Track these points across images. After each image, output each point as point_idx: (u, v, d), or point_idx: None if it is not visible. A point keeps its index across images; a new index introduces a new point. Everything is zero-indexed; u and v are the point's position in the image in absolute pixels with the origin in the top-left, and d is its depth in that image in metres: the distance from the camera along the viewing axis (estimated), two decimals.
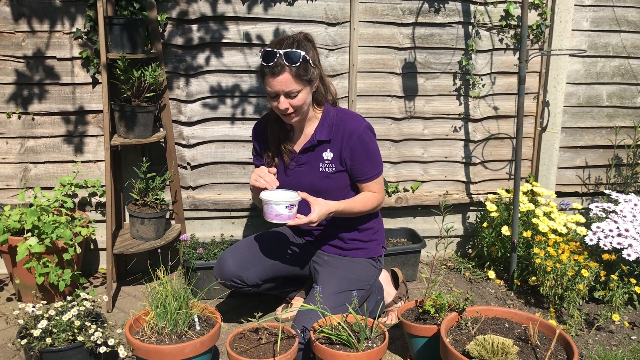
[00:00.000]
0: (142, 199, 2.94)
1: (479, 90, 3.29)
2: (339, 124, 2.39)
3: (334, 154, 2.41)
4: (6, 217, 2.83)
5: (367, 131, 2.40)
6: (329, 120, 2.40)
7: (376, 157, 2.45)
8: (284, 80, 2.21)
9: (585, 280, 2.67)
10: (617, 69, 3.43)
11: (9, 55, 2.94)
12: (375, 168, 2.44)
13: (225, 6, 3.00)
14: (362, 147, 2.38)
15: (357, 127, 2.37)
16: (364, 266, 2.54)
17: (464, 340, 2.12)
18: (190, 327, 2.22)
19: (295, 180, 2.45)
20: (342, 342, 2.11)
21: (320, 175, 2.43)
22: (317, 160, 2.43)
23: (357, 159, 2.39)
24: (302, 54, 2.20)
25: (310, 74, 2.26)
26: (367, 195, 2.45)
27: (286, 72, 2.20)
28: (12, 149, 3.06)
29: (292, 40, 2.26)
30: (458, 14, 3.19)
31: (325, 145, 2.41)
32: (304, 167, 2.45)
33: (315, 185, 2.42)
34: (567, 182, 3.56)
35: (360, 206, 2.42)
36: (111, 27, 2.72)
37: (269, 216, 2.22)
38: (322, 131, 2.40)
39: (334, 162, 2.41)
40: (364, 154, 2.39)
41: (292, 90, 2.23)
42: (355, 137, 2.36)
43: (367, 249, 2.57)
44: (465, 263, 3.39)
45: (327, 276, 2.46)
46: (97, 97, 3.04)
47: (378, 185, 2.47)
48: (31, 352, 2.06)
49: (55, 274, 2.70)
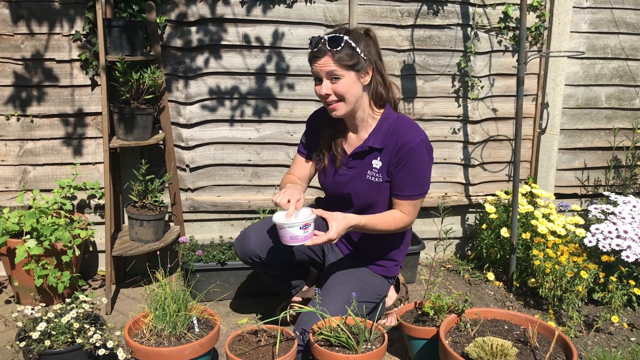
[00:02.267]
0: (141, 201, 2.94)
1: (478, 92, 3.30)
2: (394, 133, 2.28)
3: (383, 163, 2.30)
4: (5, 219, 2.82)
5: (423, 146, 2.26)
6: (385, 127, 2.30)
7: (422, 177, 2.29)
8: (324, 62, 2.18)
9: (584, 282, 2.67)
10: (616, 70, 3.43)
11: (8, 57, 2.94)
12: (416, 188, 2.30)
13: (224, 8, 3.01)
14: (410, 161, 2.25)
15: (413, 139, 2.24)
16: (380, 281, 2.51)
17: (463, 342, 2.12)
18: (190, 329, 2.21)
19: (340, 183, 2.40)
20: (341, 344, 2.11)
21: (366, 184, 2.34)
22: (366, 167, 2.34)
23: (400, 171, 2.27)
24: (345, 39, 2.16)
25: (357, 61, 2.19)
26: (394, 215, 2.33)
27: (327, 55, 2.18)
28: (11, 151, 3.05)
29: (346, 29, 2.25)
30: (457, 16, 3.20)
31: (376, 153, 2.31)
32: (352, 172, 2.37)
33: (358, 193, 2.36)
34: (566, 184, 3.56)
35: (384, 225, 2.30)
36: (110, 29, 2.72)
37: (285, 239, 2.14)
38: (376, 138, 2.30)
39: (381, 172, 2.31)
40: (409, 168, 2.26)
41: (333, 71, 2.18)
42: (407, 148, 2.24)
43: (387, 268, 2.52)
44: (464, 265, 3.39)
45: (342, 280, 2.40)
46: (96, 99, 3.04)
47: (411, 207, 2.33)
48: (30, 354, 2.06)
49: (54, 276, 2.70)
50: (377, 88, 2.30)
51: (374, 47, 2.27)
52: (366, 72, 2.25)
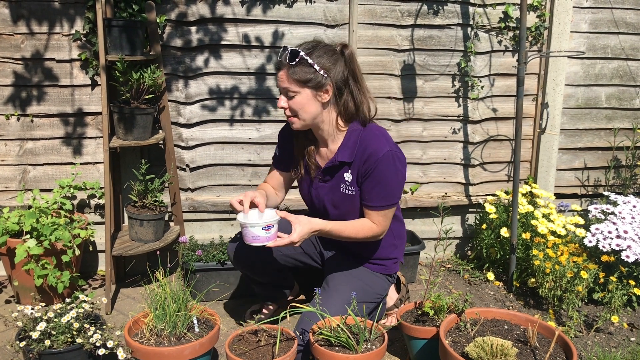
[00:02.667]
0: (141, 200, 2.94)
1: (478, 92, 3.30)
2: (362, 145, 2.24)
3: (353, 176, 2.29)
4: (5, 219, 2.82)
5: (389, 157, 2.21)
6: (353, 140, 2.26)
7: (389, 187, 2.25)
8: (281, 77, 2.19)
9: (584, 282, 2.67)
10: (616, 70, 3.43)
11: (8, 57, 2.94)
12: (384, 199, 2.26)
13: (224, 8, 3.01)
14: (377, 172, 2.22)
15: (379, 150, 2.20)
16: (380, 280, 2.51)
17: (463, 342, 2.12)
18: (189, 329, 2.21)
19: (319, 195, 2.40)
20: (341, 344, 2.11)
21: (341, 196, 2.34)
22: (339, 180, 2.33)
23: (367, 182, 2.25)
24: (300, 54, 2.13)
25: (311, 78, 2.14)
26: (363, 224, 2.30)
27: (284, 69, 2.17)
28: (10, 150, 3.05)
29: (315, 44, 2.21)
30: (457, 15, 3.20)
31: (347, 166, 2.29)
32: (327, 185, 2.37)
33: (335, 204, 2.36)
34: (566, 184, 3.56)
35: (351, 232, 2.28)
36: (110, 29, 2.72)
37: (247, 239, 2.13)
38: (345, 152, 2.27)
39: (352, 185, 2.30)
40: (376, 179, 2.23)
41: (287, 88, 2.18)
42: (374, 160, 2.21)
43: (386, 266, 2.52)
44: (464, 265, 3.39)
45: (343, 281, 2.39)
46: (96, 99, 3.04)
47: (381, 217, 2.29)
48: (30, 354, 2.06)
49: (53, 276, 2.70)
50: (348, 105, 2.25)
51: (344, 66, 2.21)
52: (325, 91, 2.19)
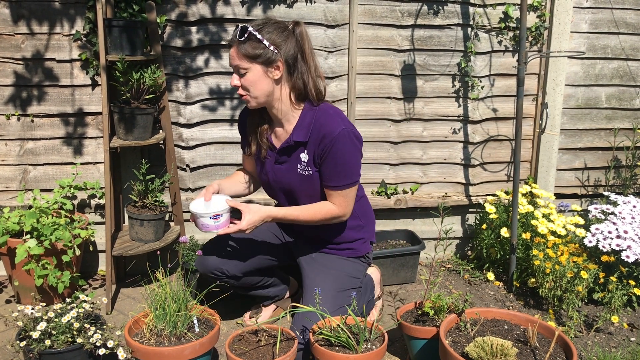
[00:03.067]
0: (141, 200, 2.94)
1: (478, 92, 3.30)
2: (316, 125, 2.25)
3: (309, 157, 2.29)
4: (5, 219, 2.83)
5: (345, 135, 2.21)
6: (308, 120, 2.27)
7: (348, 166, 2.26)
8: (232, 53, 2.20)
9: (584, 282, 2.67)
10: (616, 70, 3.43)
11: (8, 57, 2.94)
12: (343, 178, 2.27)
13: (224, 8, 3.01)
14: (334, 151, 2.21)
15: (334, 129, 2.20)
16: (354, 263, 2.52)
17: (463, 342, 2.12)
18: (190, 329, 2.22)
19: (277, 178, 2.40)
20: (341, 344, 2.11)
21: (298, 177, 2.34)
22: (296, 161, 2.33)
23: (325, 162, 2.25)
24: (249, 30, 2.13)
25: (261, 53, 2.14)
26: (322, 207, 2.32)
27: (234, 46, 2.19)
28: (11, 150, 3.06)
29: (266, 21, 2.22)
30: (457, 16, 3.20)
31: (302, 147, 2.30)
32: (284, 166, 2.37)
33: (292, 186, 2.36)
34: (566, 184, 3.56)
35: (307, 216, 2.32)
36: (110, 29, 2.73)
37: (198, 226, 2.23)
38: (300, 131, 2.27)
39: (309, 165, 2.30)
40: (333, 158, 2.23)
41: (237, 65, 2.19)
42: (329, 139, 2.20)
43: (356, 249, 2.53)
44: (464, 265, 3.39)
45: (319, 277, 2.41)
46: (96, 99, 3.04)
47: (342, 198, 2.30)
48: (30, 354, 2.06)
49: (54, 276, 2.70)
50: (296, 83, 2.25)
51: (295, 44, 2.21)
52: (276, 67, 2.19)
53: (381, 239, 3.28)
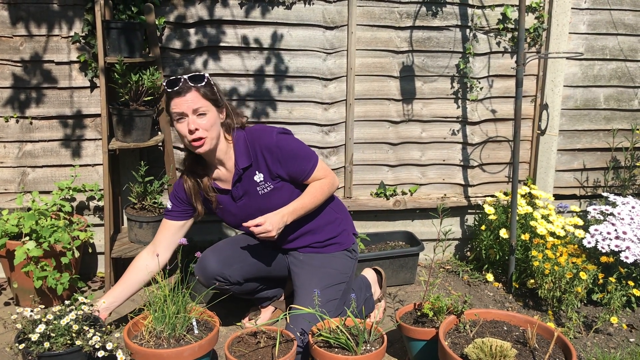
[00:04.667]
0: (140, 202, 2.94)
1: (477, 93, 3.30)
2: (253, 145, 2.39)
3: (264, 174, 2.40)
4: (4, 221, 2.82)
5: (281, 137, 2.39)
6: (242, 146, 2.40)
7: (302, 152, 2.42)
8: (191, 98, 2.25)
9: (583, 283, 2.67)
10: (614, 71, 3.44)
11: (7, 59, 2.94)
12: (309, 160, 2.43)
13: (223, 10, 3.01)
14: (286, 153, 2.37)
15: (271, 139, 2.37)
16: (341, 259, 2.55)
17: (463, 343, 2.12)
18: (189, 330, 2.21)
19: (247, 212, 2.44)
20: (340, 346, 2.11)
21: (263, 198, 2.42)
22: (252, 186, 2.42)
23: (289, 165, 2.39)
24: (206, 75, 2.29)
25: (217, 96, 2.31)
26: (314, 186, 2.44)
27: (193, 90, 2.26)
28: (10, 153, 3.05)
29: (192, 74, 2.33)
30: (455, 17, 3.20)
31: (251, 170, 2.40)
32: (245, 199, 2.44)
33: (263, 209, 2.40)
34: (565, 185, 3.56)
35: (311, 199, 2.41)
36: (109, 31, 2.73)
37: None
38: (242, 158, 2.39)
39: (267, 181, 2.41)
40: (291, 157, 2.39)
41: (199, 107, 2.25)
42: (275, 148, 2.36)
43: (339, 243, 2.57)
44: (463, 266, 3.39)
45: (308, 276, 2.46)
46: (95, 101, 3.04)
47: (321, 170, 2.45)
48: (29, 356, 2.05)
49: (53, 278, 2.70)
50: (228, 121, 2.40)
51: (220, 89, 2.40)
52: (223, 108, 2.37)
53: (380, 240, 3.28)
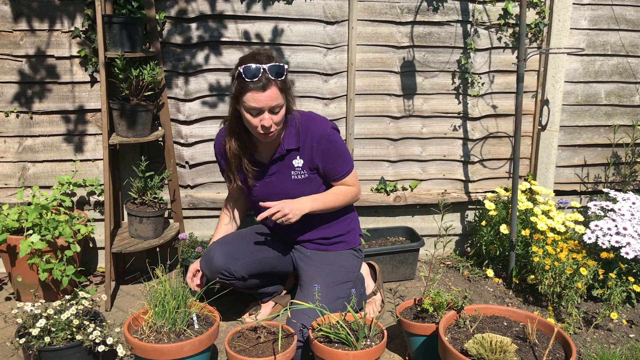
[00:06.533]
0: (140, 197, 2.94)
1: (478, 88, 3.30)
2: (306, 131, 2.38)
3: (304, 161, 2.40)
4: (4, 216, 2.82)
5: (334, 131, 2.41)
6: (295, 128, 2.38)
7: (346, 154, 2.46)
8: (272, 95, 2.18)
9: (583, 279, 2.67)
10: (616, 67, 3.43)
11: (7, 54, 2.93)
12: (347, 164, 2.47)
13: (224, 5, 3.00)
14: (333, 149, 2.39)
15: (325, 130, 2.38)
16: (348, 257, 2.56)
17: (463, 338, 2.12)
18: (189, 325, 2.22)
19: (268, 190, 2.45)
20: (340, 341, 2.11)
21: (293, 183, 2.43)
22: (288, 168, 2.42)
23: (330, 161, 2.41)
24: (285, 67, 2.21)
25: (289, 84, 2.28)
26: (340, 189, 2.48)
27: (274, 86, 2.18)
28: (10, 147, 3.05)
29: (265, 53, 2.26)
30: (456, 12, 3.19)
31: (295, 152, 2.40)
32: (275, 177, 2.44)
33: (287, 193, 2.41)
34: (565, 181, 3.56)
35: (334, 200, 2.45)
36: (109, 25, 2.72)
37: None
38: (290, 140, 2.38)
39: (304, 169, 2.41)
40: (335, 154, 2.41)
41: (277, 105, 2.22)
42: (325, 140, 2.37)
43: (347, 242, 2.58)
44: (463, 261, 3.39)
45: (315, 273, 2.46)
46: (95, 96, 3.03)
47: (353, 178, 2.50)
48: (30, 350, 2.06)
49: (58, 270, 2.69)
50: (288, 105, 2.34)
51: None
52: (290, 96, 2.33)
53: (380, 236, 3.28)
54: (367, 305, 2.73)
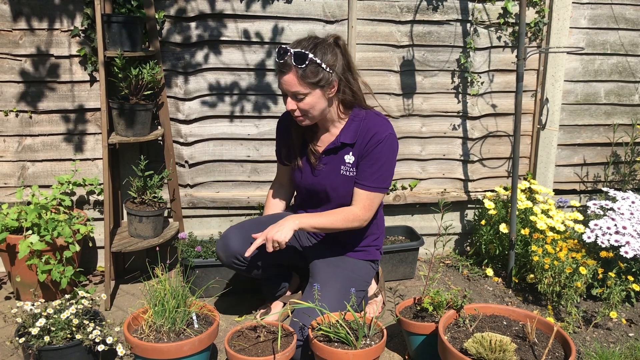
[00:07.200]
0: (140, 197, 2.94)
1: (477, 88, 3.30)
2: (364, 128, 2.32)
3: (355, 158, 2.35)
4: (4, 215, 2.82)
5: (391, 139, 2.31)
6: (356, 124, 2.33)
7: (384, 168, 2.32)
8: (289, 81, 2.18)
9: (583, 278, 2.68)
10: (615, 66, 3.43)
11: (7, 53, 2.93)
12: (376, 180, 2.32)
13: (223, 4, 3.00)
14: (376, 151, 2.29)
15: (383, 131, 2.29)
16: (365, 267, 2.54)
17: (462, 337, 2.12)
18: (189, 325, 2.22)
19: (320, 180, 2.42)
20: (340, 340, 2.11)
21: (341, 178, 2.37)
22: (339, 162, 2.37)
23: (366, 159, 2.32)
24: (309, 56, 2.14)
25: (321, 77, 2.17)
26: (343, 211, 2.35)
27: (292, 72, 2.16)
28: (9, 147, 3.05)
29: (313, 41, 2.21)
30: (456, 11, 3.19)
31: (349, 148, 2.35)
32: (326, 168, 2.40)
33: (335, 187, 2.38)
34: (565, 180, 3.56)
35: (331, 223, 2.32)
36: (109, 24, 2.72)
37: None
38: (347, 134, 2.33)
39: (354, 166, 2.36)
40: (374, 157, 2.30)
41: (297, 91, 2.18)
42: (375, 140, 2.29)
43: (368, 252, 2.56)
44: (463, 261, 3.39)
45: (331, 275, 2.42)
46: (95, 95, 3.03)
47: (368, 201, 2.34)
48: (29, 350, 2.06)
49: (57, 271, 2.69)
50: (345, 96, 2.30)
51: (342, 58, 2.25)
52: (332, 87, 2.24)
53: None
54: (368, 306, 2.73)
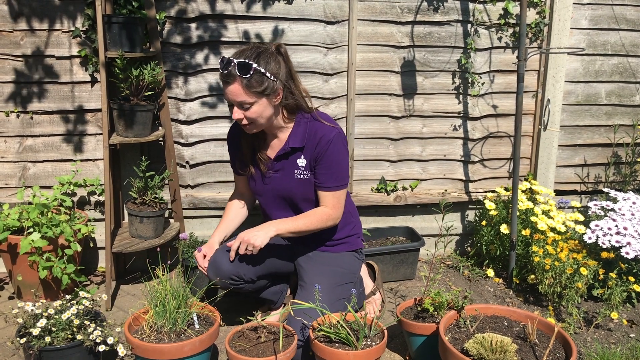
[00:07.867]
0: (141, 197, 2.94)
1: (478, 88, 3.30)
2: (312, 131, 2.35)
3: (307, 160, 2.38)
4: (5, 215, 2.82)
5: (338, 140, 2.34)
6: (302, 127, 2.36)
7: (340, 167, 2.37)
8: (234, 91, 2.20)
9: (583, 279, 2.67)
10: (616, 67, 3.43)
11: (8, 54, 2.94)
12: (337, 180, 2.37)
13: (224, 5, 3.00)
14: (329, 152, 2.33)
15: (329, 132, 2.33)
16: (349, 259, 2.56)
17: (463, 338, 2.12)
18: (190, 325, 2.22)
19: (272, 187, 2.45)
20: (341, 341, 2.11)
21: (297, 182, 2.41)
22: (292, 167, 2.41)
23: (320, 163, 2.35)
24: (253, 66, 2.15)
25: (267, 86, 2.19)
26: (316, 213, 2.39)
27: (237, 82, 2.18)
28: (10, 147, 3.05)
29: (256, 50, 2.22)
30: (457, 12, 3.19)
31: (299, 152, 2.38)
32: (279, 174, 2.43)
33: (291, 192, 2.41)
34: (565, 180, 3.56)
35: (304, 224, 2.36)
36: (110, 25, 2.72)
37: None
38: (296, 138, 2.36)
39: (307, 169, 2.39)
40: (329, 159, 2.34)
41: (243, 101, 2.20)
42: (325, 141, 2.32)
43: (349, 243, 2.58)
44: (464, 261, 3.39)
45: (317, 273, 2.45)
46: (95, 96, 3.03)
47: (335, 199, 2.39)
48: (30, 350, 2.06)
49: (59, 267, 2.69)
50: (289, 101, 2.31)
51: (285, 66, 2.27)
52: (277, 94, 2.26)
53: (381, 236, 3.28)
54: (367, 305, 2.73)
